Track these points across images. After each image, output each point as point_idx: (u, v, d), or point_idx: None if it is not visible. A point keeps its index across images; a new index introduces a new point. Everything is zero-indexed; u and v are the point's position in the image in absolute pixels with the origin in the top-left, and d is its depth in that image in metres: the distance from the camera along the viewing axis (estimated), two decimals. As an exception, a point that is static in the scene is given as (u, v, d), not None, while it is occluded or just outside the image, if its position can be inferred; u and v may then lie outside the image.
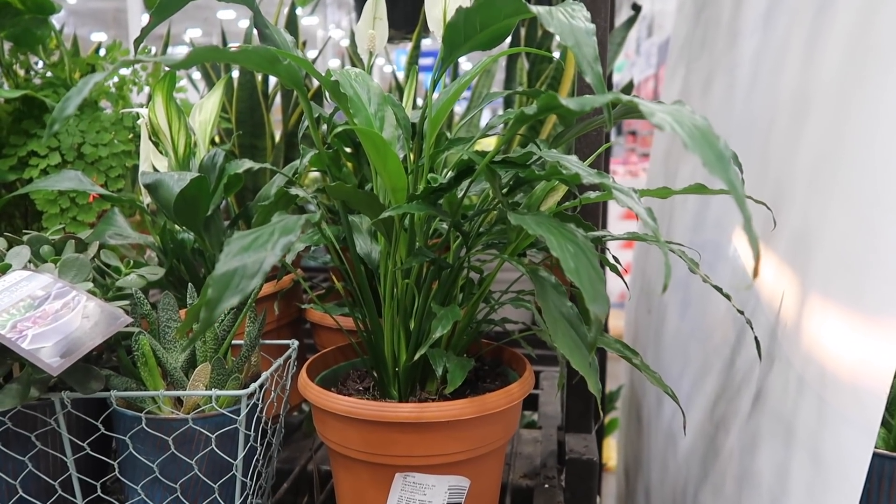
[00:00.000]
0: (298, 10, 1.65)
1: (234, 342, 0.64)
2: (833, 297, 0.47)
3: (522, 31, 1.36)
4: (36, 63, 0.98)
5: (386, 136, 0.54)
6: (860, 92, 0.50)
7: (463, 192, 0.56)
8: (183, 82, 1.26)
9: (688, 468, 0.83)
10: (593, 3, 0.69)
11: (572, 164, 0.49)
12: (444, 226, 0.61)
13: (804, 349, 0.51)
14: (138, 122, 0.87)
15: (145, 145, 0.79)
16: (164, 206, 0.70)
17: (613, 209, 4.46)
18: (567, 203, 0.57)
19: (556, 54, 1.22)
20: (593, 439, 0.76)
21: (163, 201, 0.70)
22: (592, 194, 0.56)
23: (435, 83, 0.57)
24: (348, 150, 0.92)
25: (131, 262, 0.65)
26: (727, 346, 0.75)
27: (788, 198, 0.62)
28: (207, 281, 0.38)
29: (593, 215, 0.71)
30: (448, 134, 0.72)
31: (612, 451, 2.26)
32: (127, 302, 0.58)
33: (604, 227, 1.40)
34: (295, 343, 0.66)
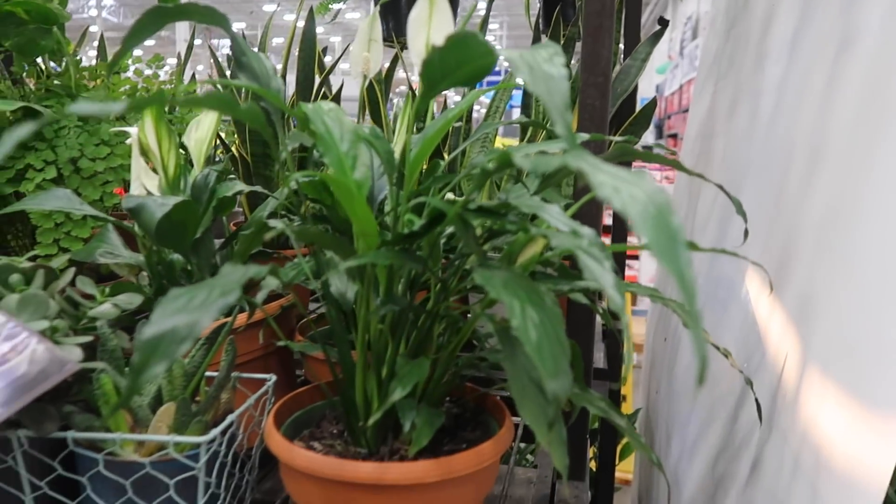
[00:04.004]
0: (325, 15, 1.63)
1: (211, 373, 0.62)
2: (832, 377, 0.43)
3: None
4: (51, 74, 0.98)
5: (357, 176, 0.51)
6: (877, 146, 0.45)
7: (441, 233, 0.52)
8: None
9: (688, 520, 0.78)
10: (597, 30, 0.65)
11: (550, 216, 0.46)
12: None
13: (800, 427, 0.46)
14: (127, 141, 0.86)
15: (136, 164, 0.77)
16: (147, 231, 0.68)
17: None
18: (550, 253, 0.53)
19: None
20: (586, 488, 0.72)
21: (145, 226, 0.68)
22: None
23: (415, 119, 0.54)
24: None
25: (106, 289, 0.63)
26: (732, 396, 0.70)
27: (797, 253, 0.57)
28: (136, 345, 0.35)
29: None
30: (443, 161, 0.68)
31: (632, 465, 2.21)
32: (90, 338, 0.56)
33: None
34: (272, 378, 0.64)
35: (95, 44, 1.32)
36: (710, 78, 1.35)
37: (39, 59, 0.96)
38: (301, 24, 1.23)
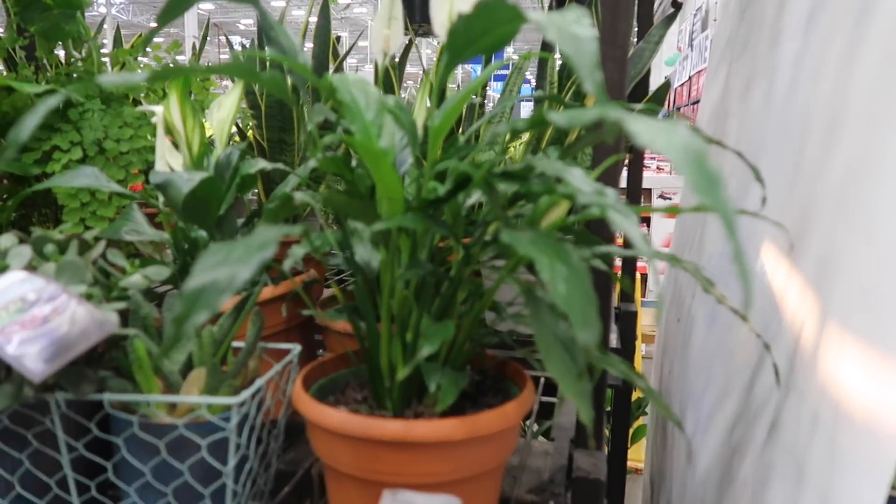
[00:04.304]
0: (333, 8, 1.65)
1: (236, 344, 0.64)
2: (851, 331, 0.44)
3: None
4: (73, 59, 1.00)
5: (383, 144, 0.52)
6: (894, 108, 0.46)
7: (464, 203, 0.54)
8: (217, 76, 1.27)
9: (704, 490, 0.79)
10: (615, 5, 0.66)
11: (574, 178, 0.47)
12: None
13: (819, 383, 0.47)
14: (152, 119, 0.87)
15: (161, 143, 0.79)
16: (174, 206, 0.70)
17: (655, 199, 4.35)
18: (572, 217, 0.54)
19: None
20: (603, 457, 0.73)
21: (172, 201, 0.70)
22: (597, 209, 0.53)
23: (439, 90, 0.55)
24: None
25: (136, 262, 0.65)
26: (748, 367, 0.71)
27: (816, 217, 0.58)
28: (179, 296, 0.37)
29: (606, 228, 0.68)
30: (461, 137, 0.70)
31: (642, 454, 2.22)
32: (123, 304, 0.58)
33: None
34: (296, 348, 0.66)
35: (105, 41, 1.34)
36: (723, 61, 1.36)
37: (58, 47, 0.98)
38: (313, 19, 1.25)
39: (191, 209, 0.72)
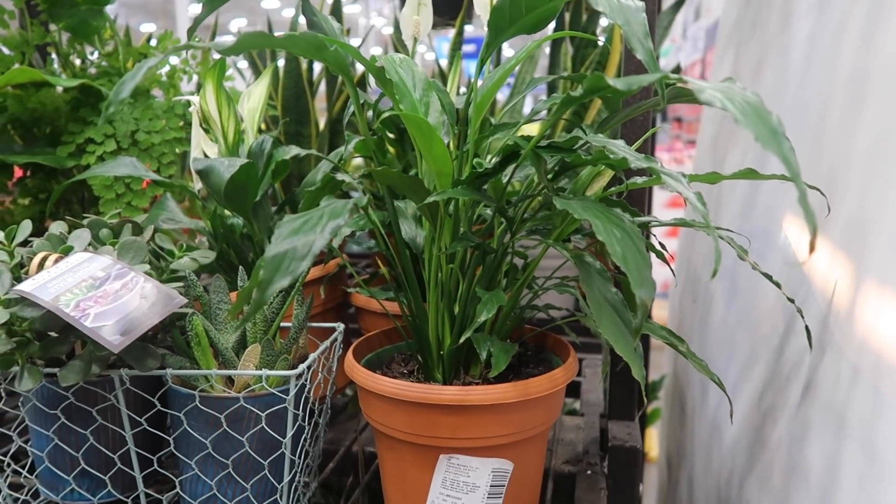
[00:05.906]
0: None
1: (282, 325, 0.66)
2: (890, 283, 0.46)
3: (567, 16, 1.34)
4: (92, 53, 1.01)
5: (431, 121, 0.54)
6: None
7: (508, 178, 0.56)
8: (230, 71, 1.29)
9: (733, 459, 0.82)
10: (641, -15, 0.68)
11: (619, 148, 0.49)
12: (489, 211, 0.62)
13: (858, 338, 0.50)
14: (189, 109, 0.89)
15: (196, 132, 0.81)
16: (215, 192, 0.72)
17: (658, 198, 4.40)
18: (613, 188, 0.56)
19: (602, 39, 1.20)
20: (636, 427, 0.76)
21: (213, 187, 0.72)
22: (639, 179, 0.55)
23: (480, 67, 0.57)
24: (392, 136, 0.93)
25: (184, 245, 0.67)
26: (776, 335, 0.73)
27: (843, 183, 0.60)
28: (259, 263, 0.39)
29: (639, 201, 0.70)
30: (492, 120, 0.72)
31: (653, 441, 2.24)
32: (180, 284, 0.60)
33: (648, 214, 1.40)
34: (341, 326, 0.68)
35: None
36: (730, 45, 1.38)
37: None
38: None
39: (230, 195, 0.74)
